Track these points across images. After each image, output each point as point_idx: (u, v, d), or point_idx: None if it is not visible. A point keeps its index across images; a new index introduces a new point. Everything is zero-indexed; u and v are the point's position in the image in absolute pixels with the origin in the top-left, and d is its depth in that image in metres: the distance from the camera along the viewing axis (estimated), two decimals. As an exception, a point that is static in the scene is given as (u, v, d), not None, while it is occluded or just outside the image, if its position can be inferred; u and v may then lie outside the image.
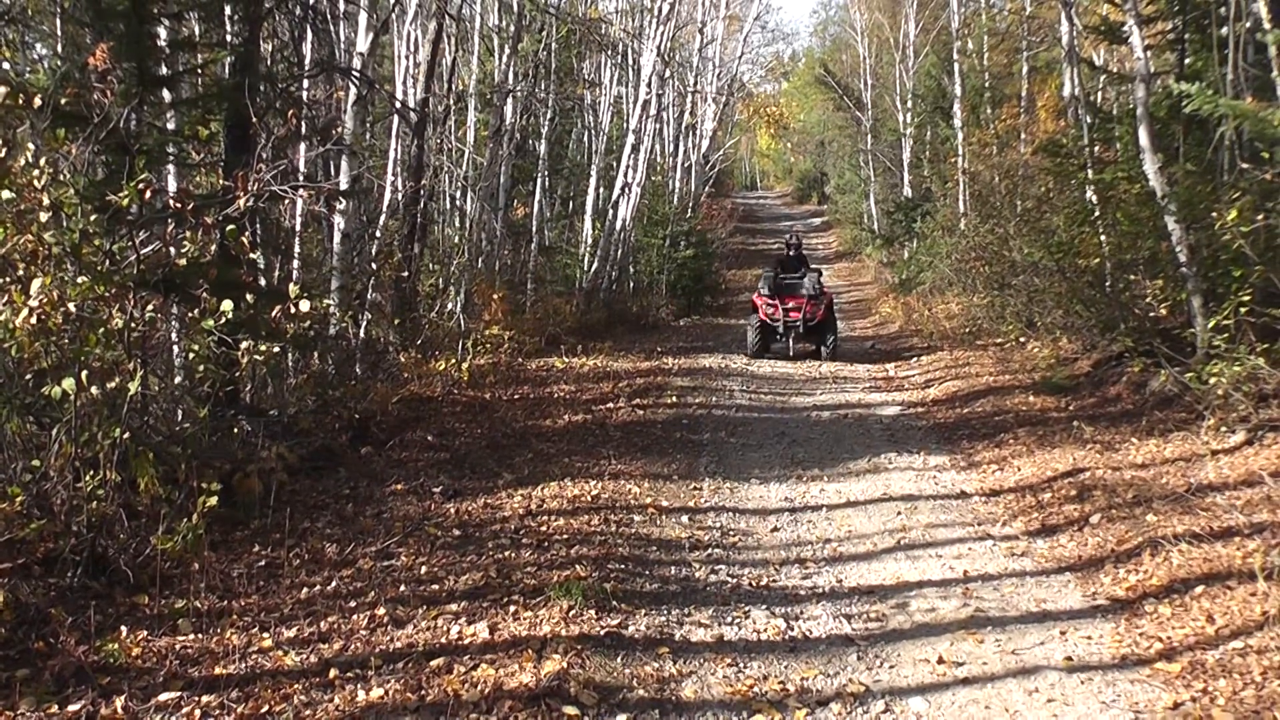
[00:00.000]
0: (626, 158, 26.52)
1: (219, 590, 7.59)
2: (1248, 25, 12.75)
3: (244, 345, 9.04)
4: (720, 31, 38.60)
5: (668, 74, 32.83)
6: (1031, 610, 7.92)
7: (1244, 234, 12.12)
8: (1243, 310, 12.46)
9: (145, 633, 6.83)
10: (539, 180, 27.61)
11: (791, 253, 23.55)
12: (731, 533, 9.97)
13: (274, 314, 9.56)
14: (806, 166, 78.03)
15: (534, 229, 26.97)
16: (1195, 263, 14.09)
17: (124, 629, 6.82)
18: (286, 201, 11.47)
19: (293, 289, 9.73)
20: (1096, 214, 17.82)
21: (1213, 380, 12.50)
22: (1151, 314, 16.02)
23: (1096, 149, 19.06)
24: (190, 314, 9.41)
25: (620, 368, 19.20)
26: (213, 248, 9.94)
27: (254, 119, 10.29)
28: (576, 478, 11.45)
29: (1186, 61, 17.33)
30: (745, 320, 23.69)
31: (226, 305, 8.53)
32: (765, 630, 7.55)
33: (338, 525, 9.41)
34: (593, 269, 25.98)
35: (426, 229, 19.14)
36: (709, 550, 9.38)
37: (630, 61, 31.32)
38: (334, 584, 7.92)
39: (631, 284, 29.17)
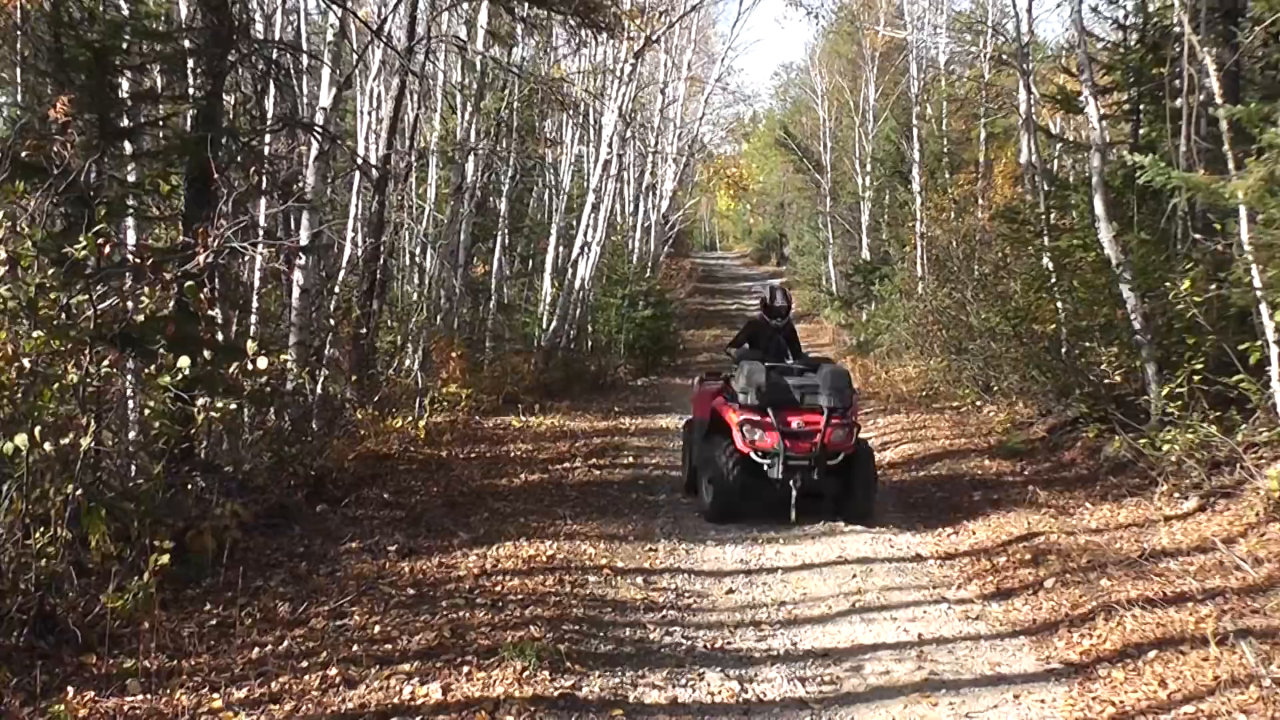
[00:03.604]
0: (586, 217, 26.62)
1: (169, 650, 7.49)
2: (1201, 98, 12.93)
3: (200, 401, 9.00)
4: (681, 92, 38.91)
5: (629, 134, 33.05)
6: (985, 673, 7.93)
7: (1197, 303, 12.26)
8: (1196, 378, 12.58)
9: (93, 693, 6.73)
10: (499, 238, 27.65)
11: (778, 320, 14.33)
12: (687, 594, 9.94)
13: (231, 370, 9.53)
14: (766, 228, 78.64)
15: (493, 287, 27.02)
16: (1149, 330, 14.25)
17: (71, 690, 6.72)
18: (246, 256, 11.44)
19: (250, 345, 9.71)
20: (1053, 280, 18.02)
21: (1166, 447, 12.63)
22: (1106, 380, 16.15)
23: (1053, 216, 19.32)
24: (147, 370, 9.37)
25: (578, 427, 19.19)
26: (171, 303, 9.89)
27: (215, 173, 10.26)
28: (532, 537, 11.39)
29: (1141, 132, 17.59)
30: (685, 436, 15.00)
31: (184, 361, 8.49)
32: (719, 692, 7.51)
33: (291, 584, 9.32)
34: (551, 327, 25.98)
35: (386, 285, 19.12)
36: (664, 612, 9.35)
37: (592, 121, 31.47)
38: (286, 643, 7.83)
39: (590, 343, 29.20)
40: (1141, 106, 17.99)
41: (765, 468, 12.43)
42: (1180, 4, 12.36)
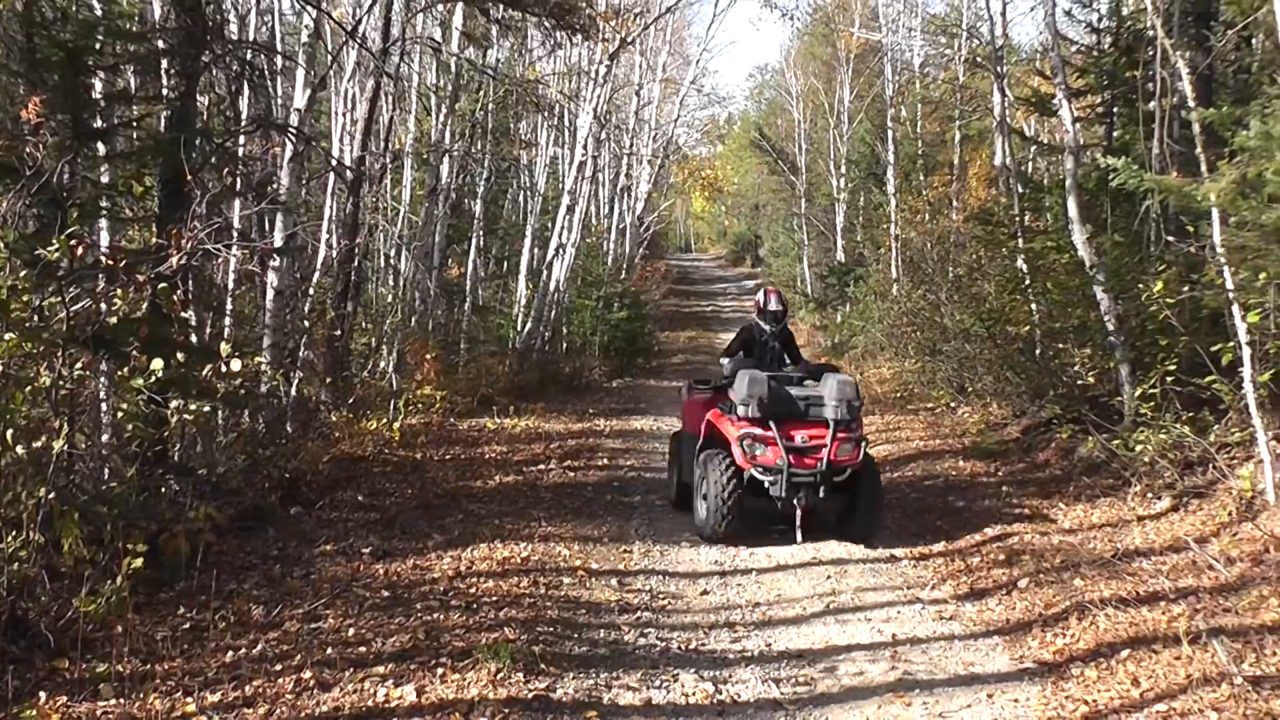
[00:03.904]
0: (562, 218, 26.60)
1: (142, 654, 7.46)
2: (1174, 102, 13.00)
3: (174, 404, 8.96)
4: (657, 94, 38.89)
5: (604, 136, 33.03)
6: (959, 673, 7.97)
7: (1170, 305, 12.34)
8: (1169, 379, 12.68)
9: (65, 698, 6.71)
10: (474, 240, 27.62)
11: (772, 324, 13.31)
12: (661, 596, 9.97)
13: (205, 372, 9.50)
14: (741, 229, 78.66)
15: (468, 288, 26.98)
16: (1123, 332, 14.33)
17: (43, 695, 6.71)
18: (220, 258, 11.39)
19: (224, 347, 9.69)
20: (1027, 282, 18.08)
21: (1139, 447, 12.72)
22: (1080, 381, 16.21)
23: (1027, 218, 19.39)
24: (120, 372, 9.33)
25: (552, 429, 19.18)
26: (144, 305, 9.85)
27: (189, 174, 10.21)
28: (507, 539, 11.40)
29: (1115, 135, 17.70)
30: (674, 447, 14.01)
31: (157, 363, 8.48)
32: (694, 694, 7.53)
33: (265, 586, 9.29)
34: (526, 329, 25.95)
35: (360, 287, 19.09)
36: (638, 613, 9.36)
37: (567, 123, 31.49)
38: (260, 647, 7.81)
39: (565, 345, 29.17)
40: (1115, 109, 18.09)
41: (767, 485, 11.59)
42: (1153, 8, 12.42)
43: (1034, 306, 17.98)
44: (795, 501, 11.51)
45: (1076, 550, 10.87)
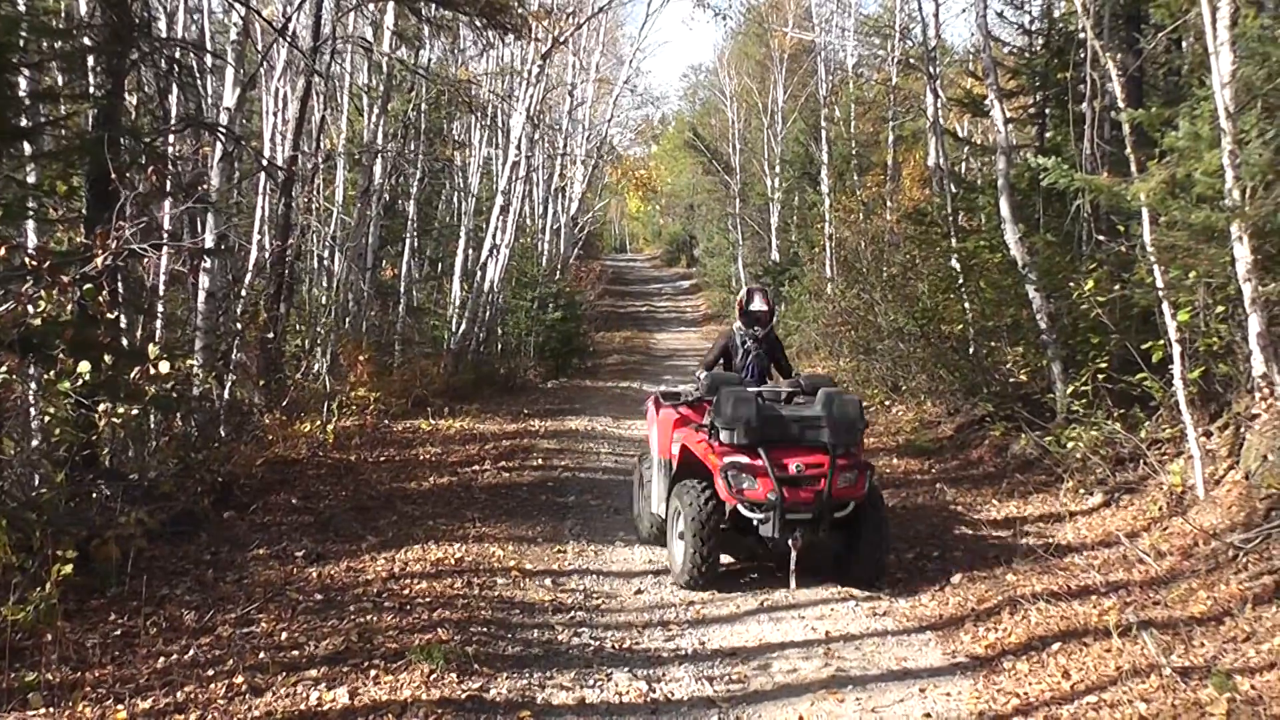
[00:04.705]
0: (495, 219, 26.50)
1: (73, 661, 7.40)
2: (1105, 103, 13.13)
3: (102, 407, 8.86)
4: (590, 94, 38.83)
5: (537, 136, 32.97)
6: (892, 669, 8.03)
7: (1101, 303, 12.46)
8: (1100, 377, 12.82)
9: (-7, 707, 6.62)
10: (408, 241, 27.54)
11: (757, 329, 11.69)
12: (595, 595, 9.98)
13: (134, 375, 9.39)
14: (676, 229, 78.75)
15: (402, 290, 26.89)
16: (1055, 330, 14.48)
17: (-31, 704, 6.62)
18: (149, 259, 11.28)
19: (152, 349, 9.58)
20: (960, 281, 18.21)
21: (1071, 444, 12.86)
22: (1013, 379, 16.37)
23: (960, 218, 19.53)
24: (47, 375, 9.21)
25: (487, 430, 19.12)
26: (70, 307, 9.73)
27: (116, 174, 10.09)
28: (441, 540, 11.37)
29: (1047, 136, 17.89)
30: (641, 473, 12.13)
31: (84, 366, 8.37)
32: (627, 692, 7.54)
33: (197, 591, 9.22)
34: (461, 330, 25.84)
35: (293, 289, 18.96)
36: (572, 613, 9.37)
37: (500, 123, 31.41)
38: (192, 652, 7.75)
39: (500, 346, 29.06)
40: (1047, 110, 18.30)
41: (756, 523, 9.84)
42: (1083, 10, 12.53)
43: (967, 305, 18.11)
44: (789, 542, 9.70)
45: (1009, 546, 10.97)
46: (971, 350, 17.82)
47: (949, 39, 54.10)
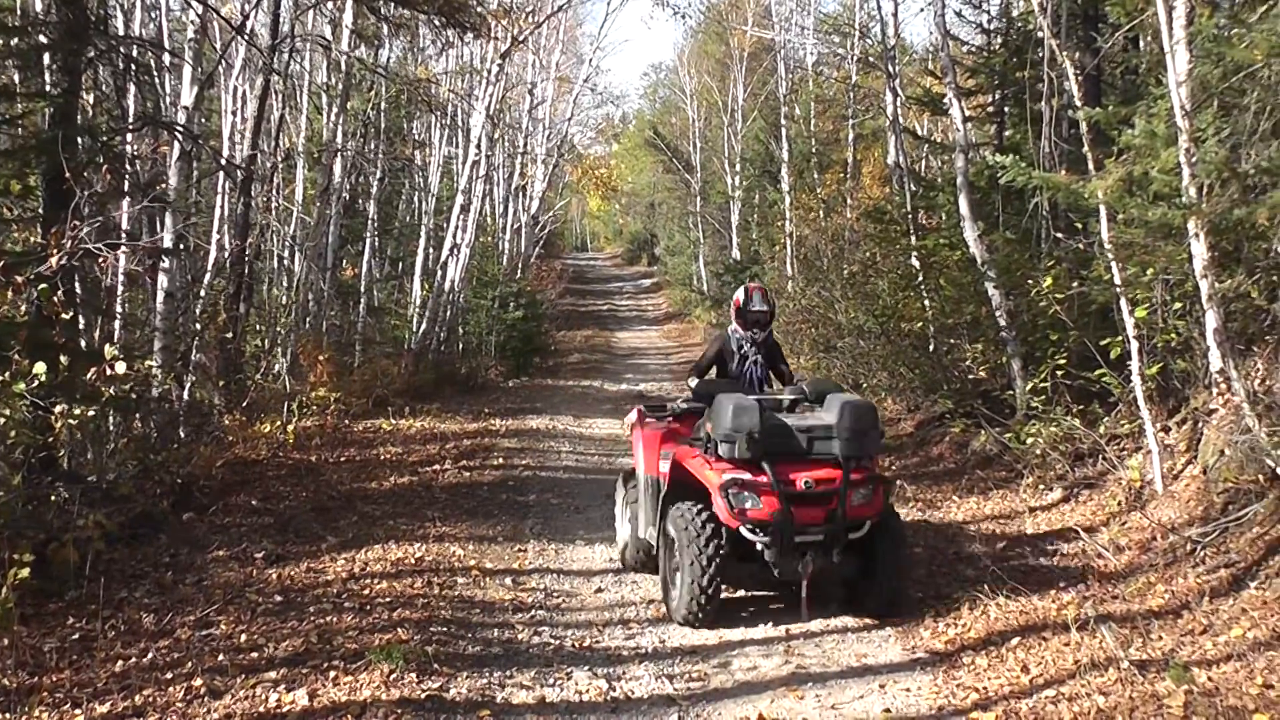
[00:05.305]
0: (456, 218, 26.42)
1: (29, 666, 7.35)
2: (1062, 101, 13.19)
3: (59, 409, 8.79)
4: (550, 93, 38.78)
5: (498, 135, 32.93)
6: (852, 665, 8.04)
7: (1059, 300, 12.52)
8: (1059, 373, 12.91)
9: (-53, 713, 6.56)
10: (368, 240, 27.45)
11: (755, 332, 10.42)
12: (555, 594, 9.96)
13: (90, 376, 9.33)
14: (637, 228, 78.78)
15: (363, 289, 26.79)
16: (1014, 327, 14.55)
17: (-76, 710, 6.56)
18: (109, 259, 11.19)
19: (109, 350, 9.51)
20: (920, 279, 18.27)
21: (1031, 440, 12.94)
22: (972, 376, 16.44)
23: (920, 216, 19.58)
24: (2, 376, 9.13)
25: (448, 429, 19.06)
26: (24, 307, 9.65)
27: (72, 173, 10.01)
28: (401, 540, 11.34)
29: (1006, 134, 17.95)
30: (624, 494, 10.90)
31: (39, 367, 8.31)
32: (587, 691, 7.53)
33: (156, 594, 9.16)
34: (422, 330, 25.76)
35: (253, 289, 18.85)
36: (532, 612, 9.35)
37: (460, 122, 31.36)
38: (150, 655, 7.70)
39: (461, 345, 29.00)
40: (1006, 109, 18.40)
41: (760, 547, 8.76)
42: (1041, 9, 12.58)
43: (927, 303, 18.17)
44: (799, 568, 8.68)
45: (969, 541, 11.02)
46: (931, 347, 17.88)
47: (908, 38, 54.41)
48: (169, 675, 7.34)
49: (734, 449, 8.70)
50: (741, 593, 9.80)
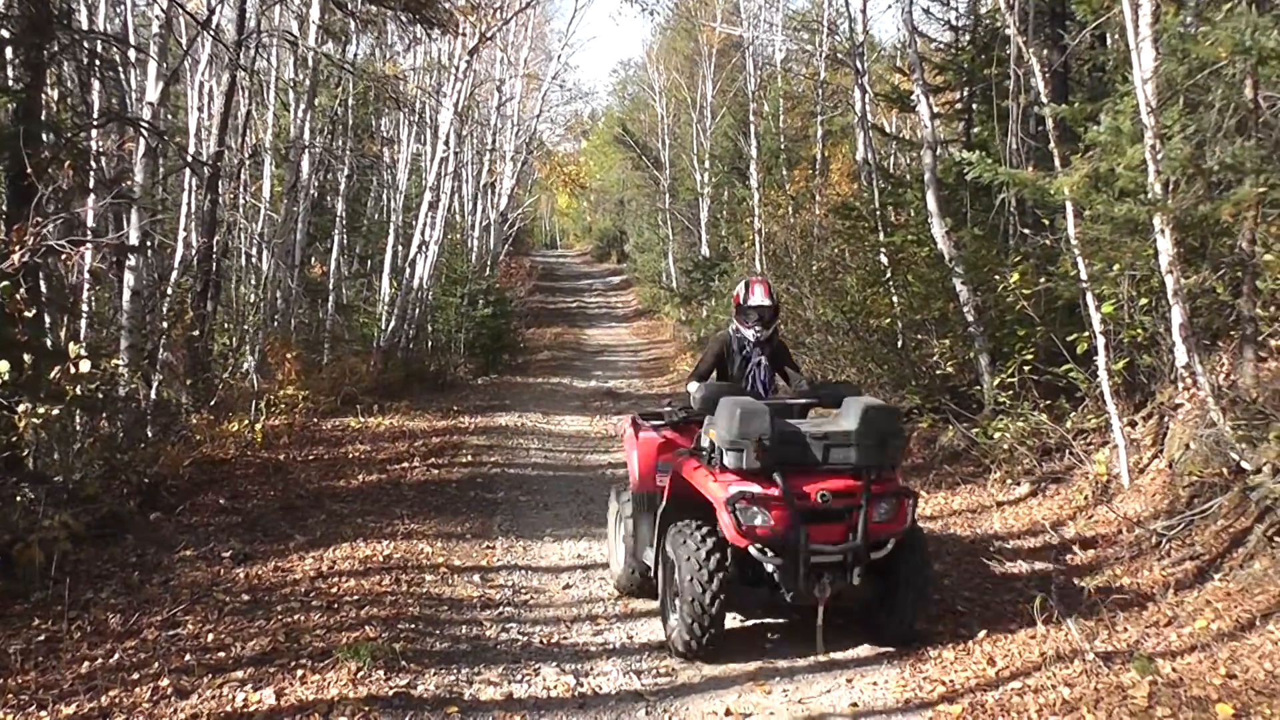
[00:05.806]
0: (424, 215, 26.35)
1: (-6, 667, 7.30)
2: (1029, 98, 13.24)
3: (22, 408, 8.74)
4: (519, 90, 38.68)
5: (466, 132, 32.87)
6: (819, 660, 8.04)
7: (1026, 296, 12.59)
8: (1026, 368, 12.98)
9: (-90, 716, 6.52)
10: (337, 238, 27.35)
11: (758, 330, 9.30)
12: (523, 591, 9.97)
13: (55, 375, 9.28)
14: (606, 225, 78.75)
15: (331, 287, 26.69)
16: (982, 323, 14.60)
17: (-112, 712, 6.52)
18: (74, 256, 11.11)
19: (73, 348, 9.46)
20: (888, 275, 18.29)
21: (998, 435, 13.01)
22: (940, 372, 16.47)
23: (888, 212, 19.61)
24: (-36, 376, 9.08)
25: (416, 427, 19.03)
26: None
27: (35, 169, 9.93)
28: (369, 538, 11.33)
29: (974, 131, 18.00)
30: (619, 510, 9.83)
31: (2, 366, 8.26)
32: (555, 687, 7.55)
33: (123, 594, 9.12)
34: (390, 327, 25.69)
35: (220, 286, 18.74)
36: (500, 609, 9.36)
37: (428, 119, 31.26)
38: (117, 656, 7.67)
39: (430, 343, 28.94)
40: (973, 106, 18.45)
41: (771, 570, 7.92)
42: (1008, 7, 12.63)
43: (895, 299, 18.19)
44: (815, 592, 7.84)
45: (937, 536, 11.06)
46: (900, 343, 17.90)
47: (876, 34, 54.42)
48: (135, 676, 7.31)
49: (741, 458, 7.81)
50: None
